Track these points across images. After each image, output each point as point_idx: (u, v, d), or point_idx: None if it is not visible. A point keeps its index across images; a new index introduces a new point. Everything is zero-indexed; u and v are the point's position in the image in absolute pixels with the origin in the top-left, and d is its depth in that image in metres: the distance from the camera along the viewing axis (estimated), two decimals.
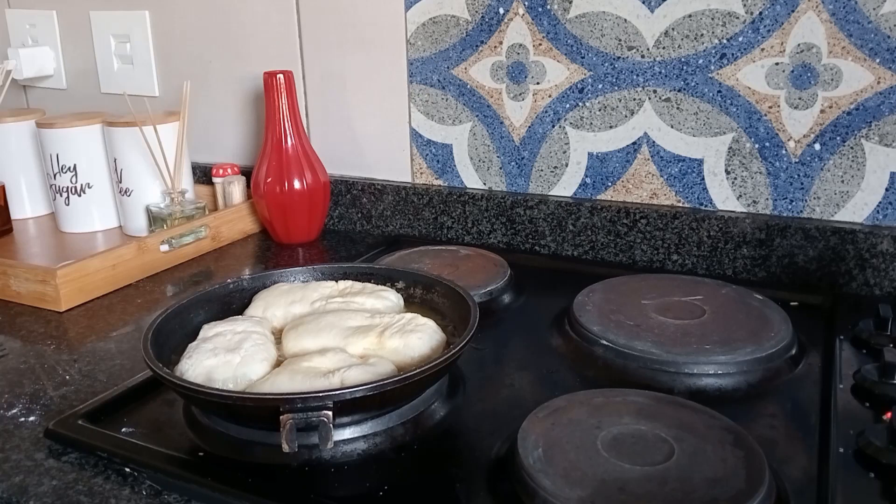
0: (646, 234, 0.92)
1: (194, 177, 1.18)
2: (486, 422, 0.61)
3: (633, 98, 0.90)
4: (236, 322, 0.68)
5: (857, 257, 0.81)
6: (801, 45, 0.80)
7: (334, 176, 1.12)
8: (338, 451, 0.56)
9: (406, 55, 1.03)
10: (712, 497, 0.48)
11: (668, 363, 0.67)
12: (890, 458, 0.51)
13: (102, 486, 0.55)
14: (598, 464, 0.51)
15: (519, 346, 0.74)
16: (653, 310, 0.75)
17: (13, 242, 1.14)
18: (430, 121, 1.04)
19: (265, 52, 1.15)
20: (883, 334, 0.68)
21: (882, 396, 0.59)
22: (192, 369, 0.60)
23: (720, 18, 0.83)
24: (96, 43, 1.31)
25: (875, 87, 0.78)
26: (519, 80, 0.96)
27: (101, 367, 0.73)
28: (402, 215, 1.08)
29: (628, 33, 0.88)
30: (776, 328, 0.71)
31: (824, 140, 0.82)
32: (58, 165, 1.12)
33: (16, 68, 1.32)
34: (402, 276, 0.77)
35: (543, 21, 0.93)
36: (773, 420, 0.60)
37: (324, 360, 0.60)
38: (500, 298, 0.84)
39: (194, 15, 1.20)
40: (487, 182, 1.03)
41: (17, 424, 0.63)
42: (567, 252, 0.97)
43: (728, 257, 0.88)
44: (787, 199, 0.85)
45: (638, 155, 0.92)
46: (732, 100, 0.85)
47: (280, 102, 1.04)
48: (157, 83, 1.28)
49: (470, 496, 0.52)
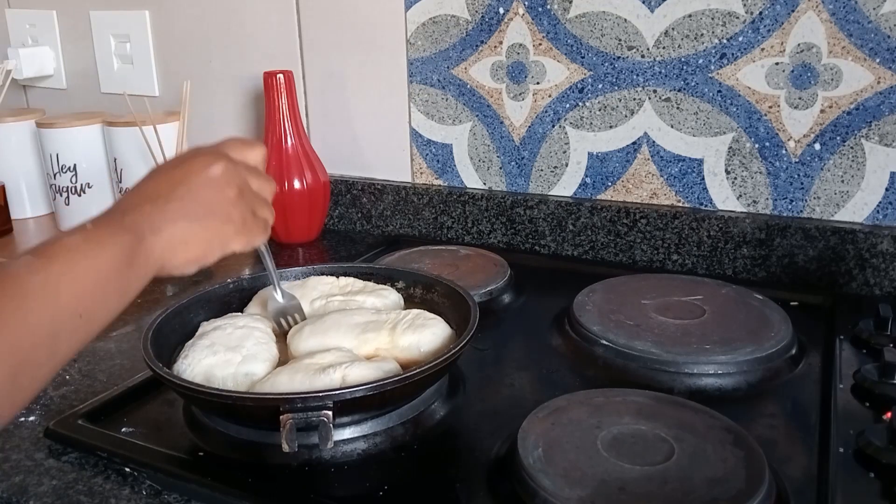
0: (646, 234, 0.92)
1: None
2: (486, 422, 0.61)
3: (633, 98, 0.90)
4: (236, 318, 0.68)
5: (857, 257, 0.81)
6: (801, 45, 0.80)
7: (334, 176, 1.12)
8: (338, 451, 0.56)
9: (406, 55, 1.03)
10: (712, 497, 0.48)
11: (668, 363, 0.67)
12: (890, 458, 0.51)
13: (102, 486, 0.55)
14: (598, 464, 0.51)
15: (519, 346, 0.74)
16: (653, 310, 0.75)
17: (13, 242, 1.14)
18: (430, 121, 1.04)
19: (265, 52, 1.15)
20: (883, 334, 0.68)
21: (882, 396, 0.59)
22: (190, 368, 0.60)
23: (720, 18, 0.83)
24: (96, 43, 1.31)
25: (875, 87, 0.78)
26: (519, 79, 0.96)
27: (100, 367, 0.73)
28: (402, 215, 1.08)
29: (628, 33, 0.88)
30: (776, 328, 0.71)
31: (824, 140, 0.82)
32: (58, 165, 1.12)
33: (16, 68, 1.32)
34: (402, 276, 0.77)
35: (543, 21, 0.93)
36: (773, 420, 0.60)
37: (325, 356, 0.60)
38: (500, 298, 0.84)
39: (194, 15, 1.20)
40: (487, 182, 1.03)
41: (17, 424, 0.63)
42: (567, 252, 0.97)
43: (728, 257, 0.88)
44: (787, 199, 0.85)
45: (638, 155, 0.92)
46: (732, 100, 0.85)
47: (280, 102, 1.04)
48: (157, 83, 1.28)
49: (470, 496, 0.52)
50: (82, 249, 0.47)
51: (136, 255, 0.50)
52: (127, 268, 0.49)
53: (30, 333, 0.42)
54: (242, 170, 0.58)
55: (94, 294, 0.47)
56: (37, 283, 0.44)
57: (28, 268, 0.44)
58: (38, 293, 0.43)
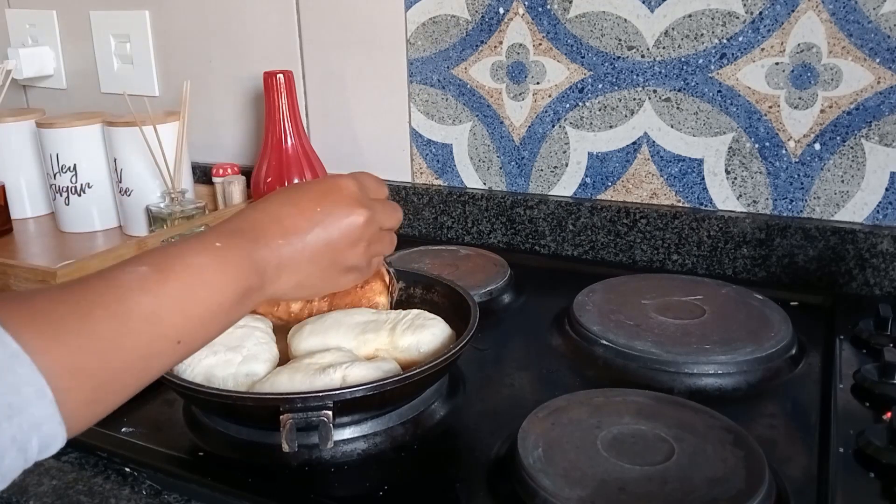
0: (646, 233, 0.92)
1: (194, 177, 1.18)
2: (486, 422, 0.61)
3: (633, 98, 0.90)
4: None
5: (857, 257, 0.81)
6: (801, 45, 0.80)
7: None
8: (338, 450, 0.56)
9: (406, 55, 1.03)
10: (712, 497, 0.48)
11: (668, 363, 0.67)
12: (890, 458, 0.51)
13: (102, 486, 0.55)
14: (598, 464, 0.51)
15: (519, 346, 0.74)
16: (653, 310, 0.75)
17: (13, 242, 1.14)
18: (430, 121, 1.04)
19: (265, 52, 1.15)
20: (883, 334, 0.68)
21: (882, 396, 0.59)
22: (190, 368, 0.60)
23: (720, 18, 0.83)
24: (96, 43, 1.31)
25: (875, 87, 0.78)
26: (519, 79, 0.96)
27: None
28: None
29: (628, 33, 0.88)
30: (776, 328, 0.71)
31: (824, 140, 0.82)
32: (58, 165, 1.12)
33: (16, 68, 1.32)
34: (402, 276, 0.77)
35: (543, 21, 0.93)
36: (773, 420, 0.60)
37: (326, 355, 0.60)
38: (500, 298, 0.84)
39: (194, 15, 1.20)
40: (487, 182, 1.03)
41: None
42: (567, 252, 0.97)
43: (728, 257, 0.88)
44: (787, 199, 0.85)
45: (638, 155, 0.92)
46: (732, 100, 0.85)
47: (280, 102, 1.04)
48: (157, 83, 1.28)
49: (470, 496, 0.52)
50: (204, 276, 0.44)
51: (251, 293, 0.48)
52: (240, 302, 0.47)
53: (124, 354, 0.40)
54: (379, 216, 0.57)
55: (199, 323, 0.44)
56: (145, 307, 0.41)
57: (140, 284, 0.41)
58: (143, 318, 0.41)
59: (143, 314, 0.41)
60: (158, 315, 0.41)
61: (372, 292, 0.70)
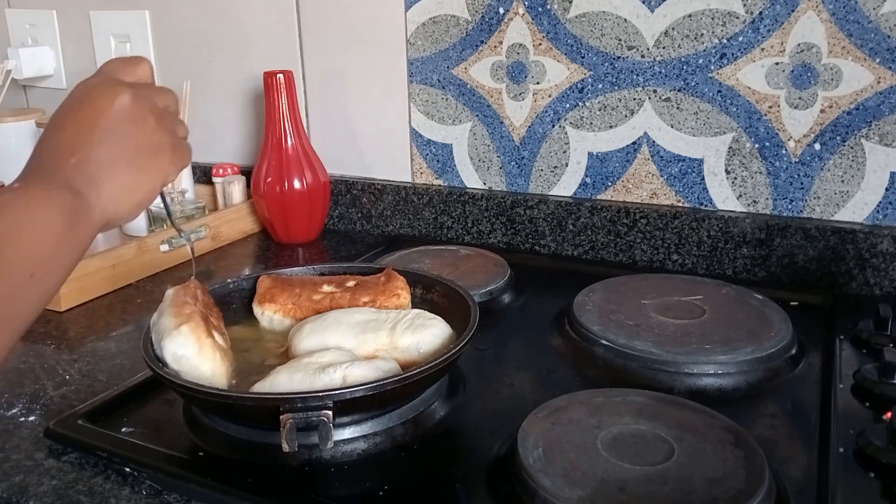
0: (646, 233, 0.92)
1: (194, 176, 1.18)
2: (486, 422, 0.61)
3: (633, 98, 0.90)
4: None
5: (857, 257, 0.81)
6: (801, 45, 0.80)
7: (334, 176, 1.12)
8: (338, 450, 0.56)
9: (406, 55, 1.03)
10: (712, 497, 0.48)
11: (668, 363, 0.67)
12: (890, 458, 0.51)
13: (102, 486, 0.55)
14: (598, 464, 0.51)
15: (519, 346, 0.74)
16: (653, 310, 0.75)
17: None
18: (430, 121, 1.04)
19: (265, 52, 1.15)
20: (883, 334, 0.68)
21: (882, 396, 0.59)
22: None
23: (720, 18, 0.83)
24: (96, 43, 1.31)
25: (875, 87, 0.78)
26: (519, 79, 0.96)
27: (100, 367, 0.73)
28: (402, 215, 1.08)
29: (628, 33, 0.88)
30: (776, 328, 0.71)
31: (824, 140, 0.82)
32: None
33: (16, 68, 1.32)
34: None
35: (543, 21, 0.93)
36: (773, 420, 0.60)
37: (326, 355, 0.60)
38: (500, 298, 0.84)
39: (194, 15, 1.20)
40: (487, 182, 1.03)
41: (17, 424, 0.63)
42: (567, 252, 0.97)
43: (728, 257, 0.88)
44: (787, 199, 0.85)
45: (638, 155, 0.92)
46: (732, 100, 0.85)
47: (280, 102, 1.04)
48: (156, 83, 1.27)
49: (470, 496, 0.52)
50: (20, 208, 0.45)
51: (78, 211, 0.48)
52: (72, 225, 0.47)
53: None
54: (144, 91, 0.54)
55: (42, 253, 0.45)
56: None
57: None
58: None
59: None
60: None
61: (395, 288, 0.71)
